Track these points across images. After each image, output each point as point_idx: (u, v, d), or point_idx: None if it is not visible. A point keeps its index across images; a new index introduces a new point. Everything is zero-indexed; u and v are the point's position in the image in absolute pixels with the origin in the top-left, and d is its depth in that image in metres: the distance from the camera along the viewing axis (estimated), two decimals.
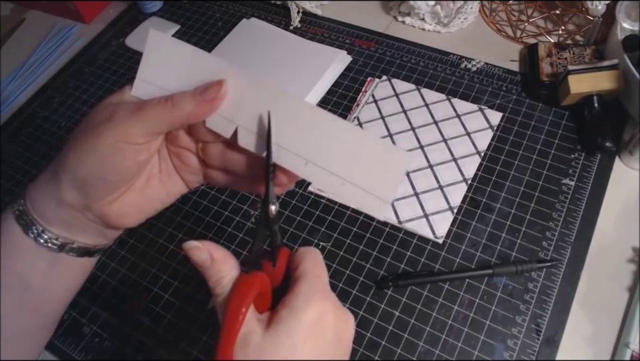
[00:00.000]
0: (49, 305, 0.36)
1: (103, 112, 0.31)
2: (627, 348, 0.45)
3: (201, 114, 0.31)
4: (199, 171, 0.35)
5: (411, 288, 0.51)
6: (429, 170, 0.58)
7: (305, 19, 0.77)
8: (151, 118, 0.30)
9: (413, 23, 0.73)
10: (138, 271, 0.56)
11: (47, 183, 0.33)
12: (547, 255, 0.51)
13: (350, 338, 0.29)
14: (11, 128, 0.73)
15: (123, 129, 0.30)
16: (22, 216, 0.33)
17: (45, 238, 0.33)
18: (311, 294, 0.27)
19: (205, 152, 0.34)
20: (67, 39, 0.83)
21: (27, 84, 0.78)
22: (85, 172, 0.31)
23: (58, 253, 0.34)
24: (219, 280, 0.28)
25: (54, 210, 0.33)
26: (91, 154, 0.30)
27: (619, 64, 0.56)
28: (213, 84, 0.30)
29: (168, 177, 0.35)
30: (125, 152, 0.30)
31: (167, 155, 0.35)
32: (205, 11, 0.81)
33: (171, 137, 0.34)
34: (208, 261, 0.28)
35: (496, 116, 0.61)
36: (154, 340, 0.51)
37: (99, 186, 0.31)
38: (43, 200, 0.33)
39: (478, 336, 0.47)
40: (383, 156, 0.29)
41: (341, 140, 0.29)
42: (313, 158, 0.30)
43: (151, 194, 0.34)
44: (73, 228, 0.33)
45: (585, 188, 0.55)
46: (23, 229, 0.33)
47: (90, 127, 0.31)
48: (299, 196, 0.58)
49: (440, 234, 0.53)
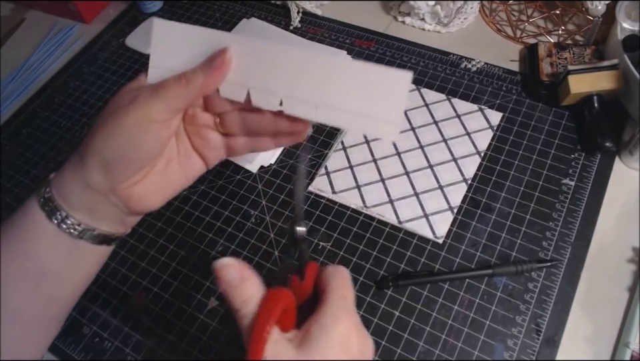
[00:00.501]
0: (63, 293, 0.37)
1: (125, 96, 0.33)
2: (627, 348, 0.45)
3: (213, 83, 0.33)
4: (221, 145, 0.37)
5: (411, 288, 0.51)
6: (428, 170, 0.58)
7: (304, 19, 0.77)
8: (169, 95, 0.32)
9: (413, 23, 0.73)
10: (138, 271, 0.56)
11: (73, 168, 0.34)
12: (547, 255, 0.51)
13: (370, 358, 0.30)
14: (10, 128, 0.73)
15: (146, 108, 0.32)
16: (47, 202, 0.35)
17: (67, 223, 0.34)
18: (337, 313, 0.28)
19: (223, 124, 0.36)
20: (67, 39, 0.83)
21: (27, 84, 0.78)
22: (112, 152, 0.32)
23: (78, 240, 0.35)
24: (247, 300, 0.28)
25: (79, 195, 0.34)
26: (117, 134, 0.32)
27: (618, 64, 0.56)
28: (217, 54, 0.32)
29: (186, 159, 0.37)
30: (149, 130, 0.32)
31: (185, 138, 0.36)
32: (205, 11, 0.82)
33: (189, 117, 0.35)
34: (238, 280, 0.28)
35: (496, 116, 0.61)
36: (154, 340, 0.51)
37: (124, 166, 0.33)
38: (68, 186, 0.34)
39: (478, 336, 0.47)
40: (385, 81, 0.30)
41: (344, 78, 0.31)
42: (322, 100, 0.32)
43: (170, 177, 0.36)
44: (96, 214, 0.35)
45: (585, 188, 0.55)
46: (47, 215, 0.34)
47: (114, 110, 0.33)
48: None
49: (440, 234, 0.53)
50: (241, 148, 0.37)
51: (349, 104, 0.31)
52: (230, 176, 0.61)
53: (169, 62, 0.34)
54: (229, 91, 0.33)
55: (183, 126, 0.36)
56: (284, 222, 0.57)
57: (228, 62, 0.33)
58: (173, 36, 0.34)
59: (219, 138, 0.36)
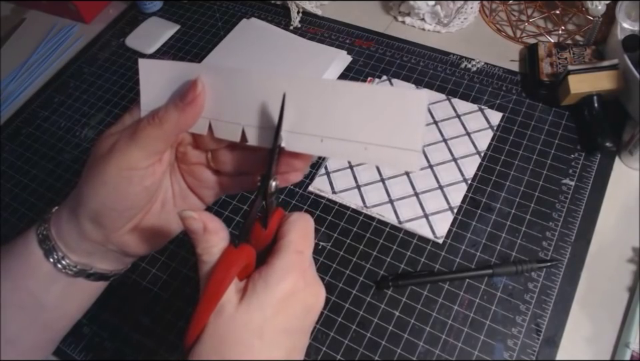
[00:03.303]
0: (60, 322, 0.38)
1: (105, 142, 0.32)
2: (627, 348, 0.45)
3: (189, 119, 0.31)
4: (215, 184, 0.35)
5: (411, 288, 0.51)
6: (429, 170, 0.58)
7: (304, 19, 0.77)
8: (145, 139, 0.30)
9: (413, 23, 0.73)
10: (138, 271, 0.56)
11: (68, 216, 0.34)
12: (547, 255, 0.51)
13: (318, 309, 0.30)
14: (10, 128, 0.73)
15: (125, 157, 0.31)
16: (45, 240, 0.34)
17: (64, 263, 0.34)
18: (286, 270, 0.28)
19: (216, 162, 0.34)
20: (67, 39, 0.83)
21: (27, 84, 0.78)
22: (98, 204, 0.32)
23: (74, 278, 0.35)
24: (208, 248, 0.28)
25: (77, 241, 0.34)
26: (100, 186, 0.31)
27: (618, 64, 0.56)
28: (188, 87, 0.31)
29: (182, 200, 0.35)
30: (131, 179, 0.31)
31: (180, 178, 0.35)
32: (205, 11, 0.81)
33: (181, 156, 0.34)
34: (201, 230, 0.28)
35: (496, 116, 0.61)
36: (154, 340, 0.51)
37: (113, 217, 0.32)
38: (66, 232, 0.34)
39: (478, 336, 0.47)
40: (399, 104, 0.26)
41: (350, 104, 0.27)
42: (327, 132, 0.28)
43: (167, 219, 0.35)
44: (94, 256, 0.35)
45: (585, 188, 0.55)
46: (45, 253, 0.34)
47: (96, 160, 0.32)
48: (299, 196, 0.58)
49: (440, 234, 0.53)
50: (235, 186, 0.35)
51: (360, 134, 0.27)
52: None
53: (155, 101, 0.32)
54: (222, 131, 0.31)
55: (177, 165, 0.35)
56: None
57: (200, 95, 0.31)
58: (157, 74, 0.33)
59: (212, 177, 0.35)
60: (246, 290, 0.27)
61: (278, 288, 0.27)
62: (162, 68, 0.33)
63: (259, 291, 0.27)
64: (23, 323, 0.35)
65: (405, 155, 0.27)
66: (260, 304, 0.27)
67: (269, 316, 0.27)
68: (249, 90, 0.30)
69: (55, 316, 0.37)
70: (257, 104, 0.30)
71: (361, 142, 0.28)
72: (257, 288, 0.27)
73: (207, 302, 0.27)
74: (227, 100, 0.31)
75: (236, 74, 0.30)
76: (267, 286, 0.27)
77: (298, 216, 0.30)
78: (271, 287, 0.27)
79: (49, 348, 0.40)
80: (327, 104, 0.28)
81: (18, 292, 0.35)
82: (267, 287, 0.27)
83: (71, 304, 0.37)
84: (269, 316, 0.27)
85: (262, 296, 0.27)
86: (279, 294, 0.27)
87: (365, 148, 0.27)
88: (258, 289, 0.27)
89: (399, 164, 0.27)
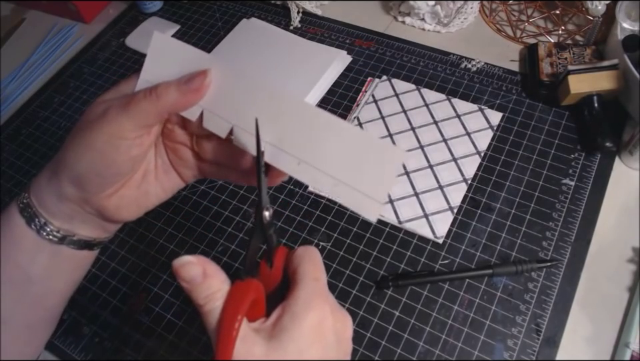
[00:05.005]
0: (50, 298, 0.37)
1: (96, 109, 0.32)
2: (627, 348, 0.45)
3: (186, 103, 0.32)
4: (194, 165, 0.36)
5: (411, 288, 0.51)
6: (428, 170, 0.58)
7: (304, 19, 0.77)
8: (138, 111, 0.31)
9: (413, 23, 0.73)
10: (138, 271, 0.56)
11: (48, 179, 0.34)
12: (547, 255, 0.51)
13: (349, 337, 0.29)
14: (10, 128, 0.73)
15: (115, 125, 0.31)
16: (26, 208, 0.34)
17: (47, 230, 0.34)
18: (310, 299, 0.27)
19: (199, 146, 0.35)
20: (67, 39, 0.83)
21: (27, 84, 0.78)
22: (83, 168, 0.32)
23: (59, 245, 0.35)
24: (211, 295, 0.26)
25: (56, 204, 0.34)
26: (87, 150, 0.31)
27: (619, 64, 0.56)
28: (197, 74, 0.31)
29: (164, 173, 0.36)
30: (119, 147, 0.31)
31: (163, 152, 0.36)
32: (205, 11, 0.81)
33: (167, 132, 0.35)
34: (200, 277, 0.27)
35: (496, 116, 0.61)
36: (154, 340, 0.51)
37: (96, 181, 0.32)
38: (45, 195, 0.34)
39: (478, 336, 0.47)
40: (377, 155, 0.28)
41: (334, 139, 0.29)
42: (306, 157, 0.29)
43: (147, 189, 0.35)
44: (74, 220, 0.35)
45: (585, 188, 0.55)
46: (26, 221, 0.34)
47: (85, 125, 0.32)
48: (298, 196, 0.58)
49: (440, 234, 0.53)
50: (212, 174, 0.36)
51: (334, 168, 0.29)
52: None
53: (157, 77, 0.33)
54: (212, 124, 0.32)
55: (162, 140, 0.35)
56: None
57: (206, 85, 0.31)
58: (168, 51, 0.33)
59: (193, 159, 0.35)
60: (273, 327, 0.26)
61: (307, 318, 0.26)
62: (174, 48, 0.33)
63: (287, 326, 0.26)
64: (13, 299, 0.35)
65: (368, 203, 0.28)
66: (292, 338, 0.25)
67: (304, 348, 0.25)
68: (248, 95, 0.31)
69: (43, 290, 0.36)
70: (251, 110, 0.31)
71: (333, 177, 0.29)
72: (284, 323, 0.26)
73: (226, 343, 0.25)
74: (225, 97, 0.32)
75: (242, 76, 0.31)
76: (296, 318, 0.26)
77: (304, 249, 0.30)
78: (300, 318, 0.26)
79: (42, 329, 0.39)
80: (312, 132, 0.29)
81: (5, 265, 0.34)
82: (296, 319, 0.26)
83: (58, 276, 0.36)
84: (304, 348, 0.25)
85: (291, 329, 0.26)
86: (309, 322, 0.26)
87: (336, 184, 0.29)
88: (285, 324, 0.26)
89: (360, 210, 0.28)
